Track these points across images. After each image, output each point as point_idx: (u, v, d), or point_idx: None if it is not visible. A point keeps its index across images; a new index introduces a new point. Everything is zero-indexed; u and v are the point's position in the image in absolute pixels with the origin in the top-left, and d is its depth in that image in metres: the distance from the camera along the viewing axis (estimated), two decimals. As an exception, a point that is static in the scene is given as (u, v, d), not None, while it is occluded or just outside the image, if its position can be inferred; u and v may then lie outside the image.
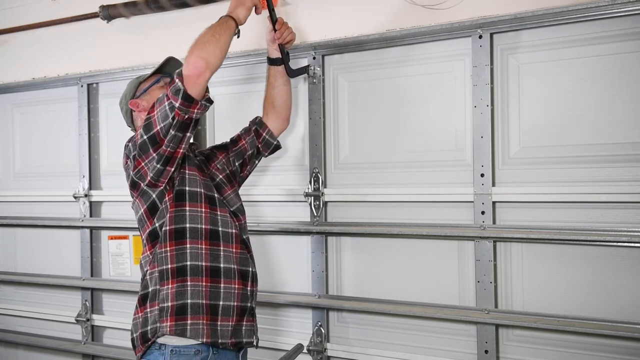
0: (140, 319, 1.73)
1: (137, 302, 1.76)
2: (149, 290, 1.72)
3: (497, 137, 2.10)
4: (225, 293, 1.72)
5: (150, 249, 1.74)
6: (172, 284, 1.68)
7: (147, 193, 1.73)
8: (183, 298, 1.67)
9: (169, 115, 1.61)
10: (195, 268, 1.70)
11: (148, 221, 1.74)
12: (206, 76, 1.62)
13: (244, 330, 1.77)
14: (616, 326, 1.90)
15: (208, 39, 1.65)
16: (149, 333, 1.69)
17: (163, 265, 1.69)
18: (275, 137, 2.12)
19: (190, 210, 1.72)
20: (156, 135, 1.64)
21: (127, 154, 1.75)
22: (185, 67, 1.61)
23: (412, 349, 2.25)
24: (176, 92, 1.60)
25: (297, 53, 2.36)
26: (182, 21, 2.62)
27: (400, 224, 2.25)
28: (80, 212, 2.94)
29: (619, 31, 1.93)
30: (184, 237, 1.70)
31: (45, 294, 3.11)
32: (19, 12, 3.07)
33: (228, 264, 1.74)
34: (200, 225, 1.72)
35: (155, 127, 1.64)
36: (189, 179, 1.75)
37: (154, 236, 1.73)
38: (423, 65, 2.23)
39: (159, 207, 1.72)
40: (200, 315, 1.68)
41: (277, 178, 2.50)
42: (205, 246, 1.72)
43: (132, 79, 1.98)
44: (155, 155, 1.66)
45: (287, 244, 2.49)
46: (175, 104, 1.60)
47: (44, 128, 3.12)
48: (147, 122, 1.66)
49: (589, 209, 1.98)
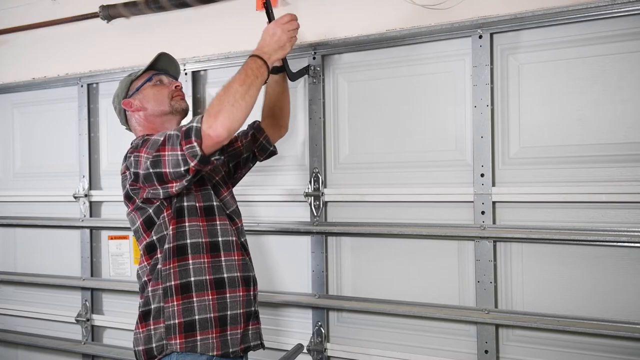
0: (142, 334, 1.72)
1: (138, 318, 1.74)
2: (152, 307, 1.71)
3: (497, 137, 2.10)
4: (232, 302, 1.72)
5: (148, 260, 1.74)
6: (177, 301, 1.67)
7: (143, 208, 1.72)
8: (190, 315, 1.67)
9: (181, 167, 1.57)
10: (199, 283, 1.69)
11: (145, 234, 1.73)
12: (225, 142, 1.58)
13: (251, 335, 1.78)
14: (616, 326, 1.90)
15: (239, 102, 1.57)
16: (155, 350, 1.69)
17: (167, 282, 1.68)
18: (271, 143, 2.11)
19: (189, 225, 1.71)
20: (164, 176, 1.61)
21: (128, 165, 1.70)
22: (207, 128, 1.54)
23: (412, 349, 2.25)
24: (193, 155, 1.55)
25: (297, 53, 2.36)
26: (182, 21, 2.63)
27: (400, 224, 2.25)
28: (80, 212, 2.94)
29: (619, 31, 1.93)
30: (185, 254, 1.69)
31: (45, 294, 3.11)
32: (19, 12, 3.07)
33: (231, 273, 1.74)
34: (201, 240, 1.71)
35: (165, 169, 1.59)
36: (186, 194, 1.72)
37: (151, 248, 1.73)
38: (423, 65, 2.23)
39: (156, 222, 1.71)
40: (209, 329, 1.68)
41: (277, 178, 2.50)
42: (207, 259, 1.71)
43: (123, 76, 1.95)
44: (160, 189, 1.64)
45: (287, 244, 2.49)
46: (190, 163, 1.56)
47: (44, 128, 3.12)
48: (156, 159, 1.60)
49: (589, 209, 1.98)
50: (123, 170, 1.75)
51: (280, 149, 2.23)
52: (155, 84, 1.86)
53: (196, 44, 2.58)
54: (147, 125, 1.85)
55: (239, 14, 2.50)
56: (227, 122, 1.55)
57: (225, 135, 1.55)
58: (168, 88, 1.86)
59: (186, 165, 1.56)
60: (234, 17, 2.51)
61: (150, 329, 1.70)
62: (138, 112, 1.85)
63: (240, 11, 2.49)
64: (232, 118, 1.56)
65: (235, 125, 1.57)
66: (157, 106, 1.84)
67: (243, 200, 2.28)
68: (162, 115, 1.85)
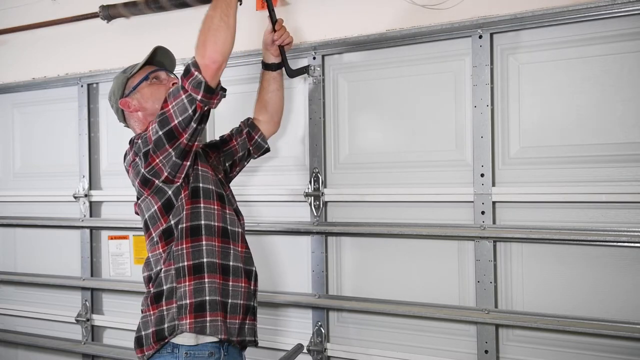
0: (153, 316, 1.71)
1: (149, 300, 1.73)
2: (164, 288, 1.70)
3: (497, 137, 2.10)
4: (234, 291, 1.73)
5: (164, 247, 1.72)
6: (189, 281, 1.68)
7: (162, 190, 1.70)
8: (201, 295, 1.67)
9: (189, 109, 1.60)
10: (211, 265, 1.70)
11: (162, 219, 1.71)
12: (223, 66, 1.62)
13: (247, 329, 1.78)
14: (616, 326, 1.90)
15: (217, 24, 1.61)
16: (166, 331, 1.67)
17: (179, 262, 1.68)
18: (266, 140, 2.10)
19: (204, 207, 1.72)
20: (174, 130, 1.62)
21: (137, 151, 1.71)
22: (201, 59, 1.59)
23: (412, 349, 2.25)
24: (197, 85, 1.58)
25: (297, 53, 2.36)
26: (182, 21, 2.63)
27: (400, 224, 2.25)
28: (80, 212, 2.94)
29: (619, 31, 1.93)
30: (199, 234, 1.70)
31: (45, 294, 3.11)
32: (19, 12, 3.07)
33: (236, 262, 1.75)
34: (215, 223, 1.72)
35: (173, 122, 1.61)
36: (202, 176, 1.74)
37: (168, 234, 1.71)
38: (423, 65, 2.23)
39: (175, 204, 1.70)
40: (218, 312, 1.69)
41: (277, 178, 2.50)
42: (218, 243, 1.72)
43: (118, 73, 1.91)
44: (172, 150, 1.64)
45: (287, 244, 2.49)
46: (197, 96, 1.59)
47: (44, 128, 3.12)
48: (162, 117, 1.63)
49: (589, 209, 1.98)
50: (132, 159, 1.74)
51: (280, 149, 2.24)
52: (152, 82, 1.85)
53: (196, 44, 2.58)
54: (146, 124, 1.83)
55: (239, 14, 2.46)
56: (217, 46, 1.59)
57: (221, 59, 1.59)
58: (165, 86, 1.84)
59: (193, 105, 1.59)
60: (234, 17, 2.51)
61: (162, 310, 1.69)
62: (137, 112, 1.84)
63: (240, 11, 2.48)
64: (219, 40, 1.61)
65: (225, 46, 1.62)
66: (155, 106, 1.81)
67: (243, 200, 2.28)
68: None
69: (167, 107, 1.63)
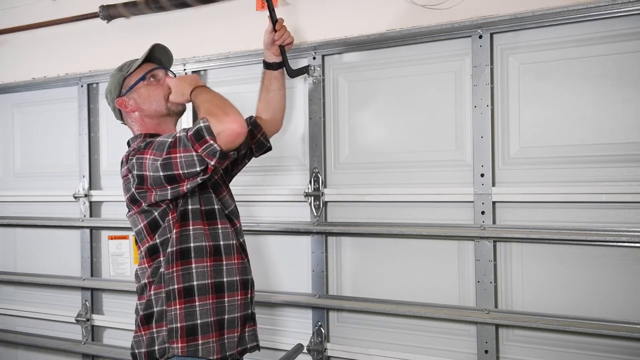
0: (143, 337, 1.72)
1: (139, 321, 1.73)
2: (154, 310, 1.70)
3: (497, 137, 2.10)
4: (230, 306, 1.73)
5: (149, 262, 1.73)
6: (179, 304, 1.67)
7: (149, 211, 1.71)
8: (193, 319, 1.67)
9: (197, 166, 1.57)
10: (202, 288, 1.69)
11: (148, 236, 1.72)
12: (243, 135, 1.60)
13: (247, 337, 1.78)
14: (616, 326, 1.90)
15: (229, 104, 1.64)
16: (157, 353, 1.69)
17: (170, 285, 1.68)
18: (268, 139, 2.09)
19: (194, 229, 1.71)
20: (177, 177, 1.60)
21: (130, 169, 1.68)
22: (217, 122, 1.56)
23: (412, 349, 2.25)
24: (212, 153, 1.55)
25: (297, 53, 2.36)
26: (182, 21, 2.63)
27: (400, 224, 2.25)
28: (80, 212, 2.94)
29: (619, 31, 1.93)
30: (189, 257, 1.69)
31: (45, 294, 3.11)
32: (19, 12, 3.07)
33: (230, 277, 1.74)
34: (205, 243, 1.71)
35: (177, 171, 1.59)
36: (191, 197, 1.72)
37: (153, 250, 1.72)
38: (423, 65, 2.23)
39: (161, 225, 1.71)
40: (210, 333, 1.68)
41: (277, 178, 2.50)
42: (210, 263, 1.71)
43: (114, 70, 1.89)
44: (169, 189, 1.64)
45: (287, 244, 2.49)
46: (210, 162, 1.56)
47: (44, 128, 3.12)
48: (167, 162, 1.59)
49: (589, 209, 1.98)
50: (125, 174, 1.72)
51: (280, 149, 2.23)
52: (149, 82, 1.82)
53: (196, 44, 2.58)
54: (144, 124, 1.84)
55: (239, 14, 2.50)
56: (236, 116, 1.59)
57: (239, 129, 1.57)
58: (162, 87, 1.82)
59: (203, 165, 1.57)
60: (234, 17, 2.51)
61: (152, 332, 1.70)
62: (134, 112, 1.84)
63: (240, 11, 2.49)
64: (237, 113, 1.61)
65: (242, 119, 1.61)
66: (153, 107, 1.81)
67: (243, 200, 2.28)
68: (159, 116, 1.83)
69: (174, 154, 1.59)
